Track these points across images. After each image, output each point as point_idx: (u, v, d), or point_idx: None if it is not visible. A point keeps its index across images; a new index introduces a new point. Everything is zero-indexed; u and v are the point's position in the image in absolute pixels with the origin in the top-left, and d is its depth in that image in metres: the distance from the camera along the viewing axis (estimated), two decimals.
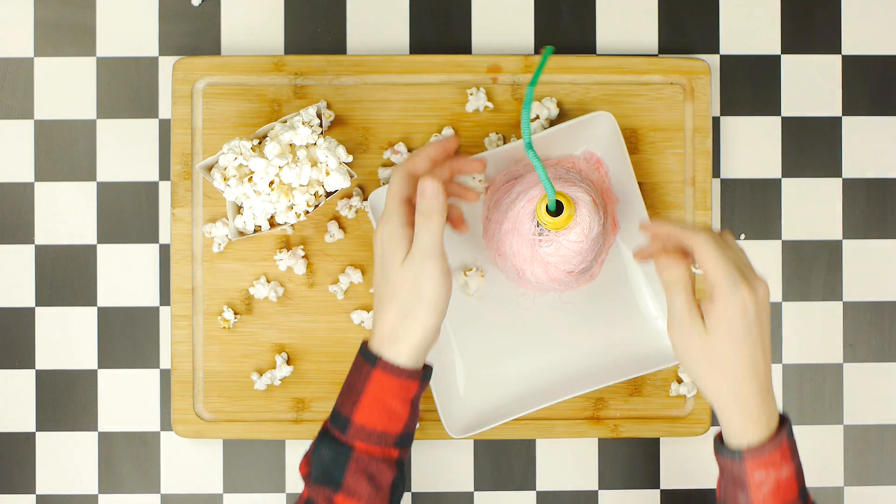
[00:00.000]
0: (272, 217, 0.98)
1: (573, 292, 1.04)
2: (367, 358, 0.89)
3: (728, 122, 1.08)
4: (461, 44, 1.08)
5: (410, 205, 0.92)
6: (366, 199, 1.04)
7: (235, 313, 1.05)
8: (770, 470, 0.86)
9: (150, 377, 1.07)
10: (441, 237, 0.89)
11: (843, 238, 1.08)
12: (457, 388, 1.04)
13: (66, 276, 1.07)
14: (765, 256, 1.08)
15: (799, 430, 1.07)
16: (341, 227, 1.05)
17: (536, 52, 1.07)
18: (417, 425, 0.96)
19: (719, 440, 0.89)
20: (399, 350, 0.89)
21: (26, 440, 1.07)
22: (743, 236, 1.07)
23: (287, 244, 1.05)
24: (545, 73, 1.05)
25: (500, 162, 1.02)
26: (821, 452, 1.08)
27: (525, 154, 1.02)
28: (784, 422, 0.88)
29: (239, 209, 0.99)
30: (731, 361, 0.85)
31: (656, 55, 1.08)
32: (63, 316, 1.07)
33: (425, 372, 0.90)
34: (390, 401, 0.88)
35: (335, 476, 0.88)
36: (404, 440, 0.90)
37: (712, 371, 0.86)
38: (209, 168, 0.99)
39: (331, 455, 0.88)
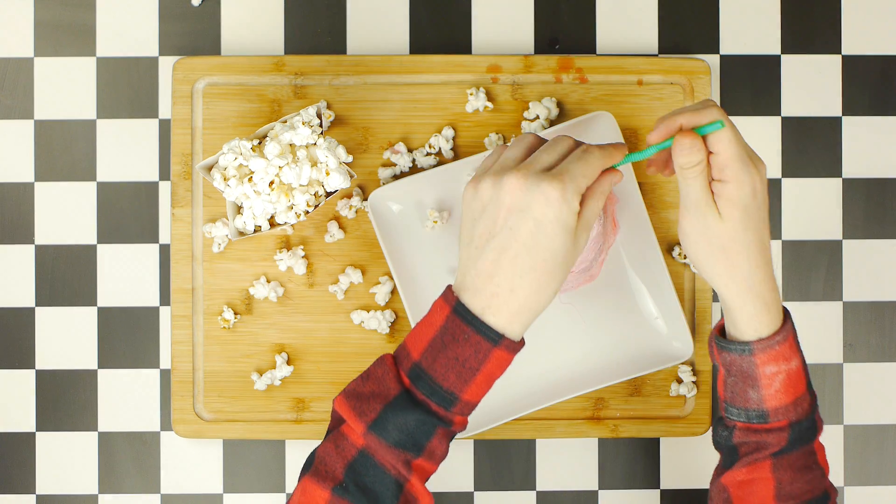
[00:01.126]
0: (272, 217, 0.98)
1: (573, 292, 1.04)
2: (487, 335, 0.81)
3: None
4: (461, 44, 1.08)
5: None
6: (366, 199, 1.04)
7: (235, 313, 1.05)
8: (781, 363, 0.84)
9: (150, 377, 1.07)
10: None
11: (843, 238, 1.08)
12: None
13: (66, 276, 1.07)
14: None
15: None
16: (341, 227, 1.05)
17: (548, 51, 1.07)
18: None
19: (720, 336, 0.87)
20: (522, 324, 0.82)
21: (26, 440, 1.07)
22: None
23: (287, 244, 1.05)
24: (545, 73, 1.05)
25: None
26: None
27: None
28: (787, 314, 0.86)
29: (239, 209, 0.99)
30: (746, 247, 0.84)
31: (656, 55, 1.08)
32: (63, 316, 1.07)
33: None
34: (498, 374, 0.83)
35: (420, 442, 0.82)
36: None
37: (727, 259, 0.84)
38: (209, 168, 0.99)
39: (417, 424, 0.82)
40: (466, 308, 0.81)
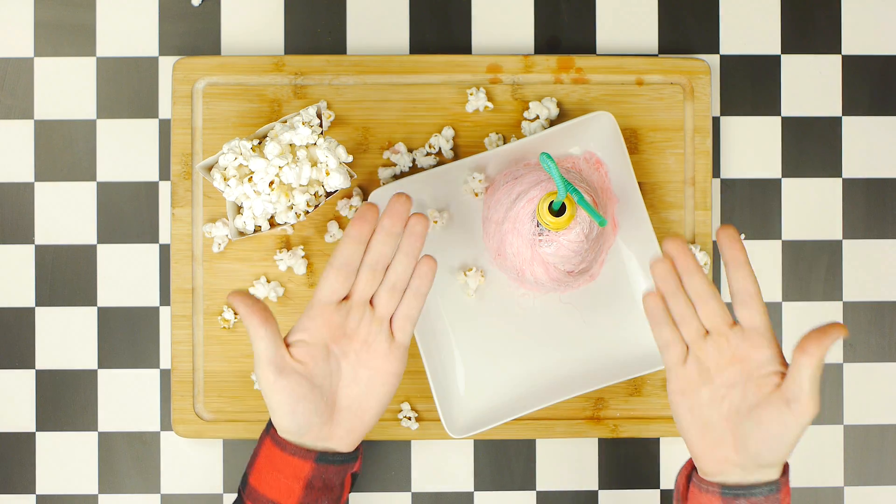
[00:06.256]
0: (272, 217, 0.98)
1: (573, 292, 1.04)
2: (266, 428, 0.89)
3: (728, 122, 1.08)
4: (461, 44, 1.08)
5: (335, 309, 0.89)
6: (366, 199, 1.04)
7: (235, 313, 1.05)
8: (790, 486, 0.85)
9: (150, 377, 1.07)
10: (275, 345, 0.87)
11: (843, 238, 1.08)
12: (457, 388, 1.04)
13: (66, 276, 1.07)
14: (765, 256, 1.08)
15: None
16: (341, 227, 1.05)
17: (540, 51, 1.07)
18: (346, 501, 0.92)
19: (726, 483, 0.84)
20: (288, 431, 0.88)
21: (26, 440, 1.07)
22: (743, 236, 1.08)
23: (287, 244, 1.05)
24: (545, 72, 1.05)
25: (501, 162, 1.02)
26: (821, 452, 1.08)
27: (524, 154, 1.02)
28: None
29: (239, 209, 0.99)
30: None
31: (656, 55, 1.08)
32: (63, 316, 1.07)
33: (323, 456, 0.87)
34: (279, 475, 0.87)
35: None
36: None
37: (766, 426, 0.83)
38: (209, 168, 0.99)
39: None
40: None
